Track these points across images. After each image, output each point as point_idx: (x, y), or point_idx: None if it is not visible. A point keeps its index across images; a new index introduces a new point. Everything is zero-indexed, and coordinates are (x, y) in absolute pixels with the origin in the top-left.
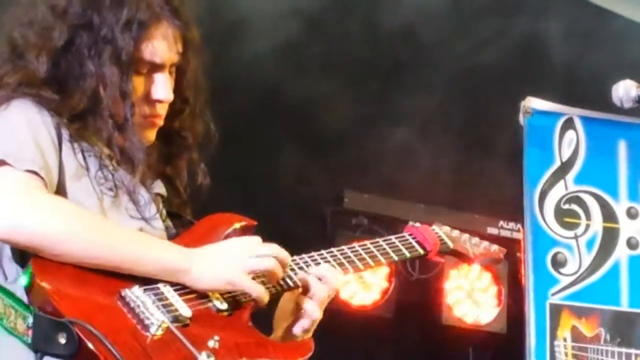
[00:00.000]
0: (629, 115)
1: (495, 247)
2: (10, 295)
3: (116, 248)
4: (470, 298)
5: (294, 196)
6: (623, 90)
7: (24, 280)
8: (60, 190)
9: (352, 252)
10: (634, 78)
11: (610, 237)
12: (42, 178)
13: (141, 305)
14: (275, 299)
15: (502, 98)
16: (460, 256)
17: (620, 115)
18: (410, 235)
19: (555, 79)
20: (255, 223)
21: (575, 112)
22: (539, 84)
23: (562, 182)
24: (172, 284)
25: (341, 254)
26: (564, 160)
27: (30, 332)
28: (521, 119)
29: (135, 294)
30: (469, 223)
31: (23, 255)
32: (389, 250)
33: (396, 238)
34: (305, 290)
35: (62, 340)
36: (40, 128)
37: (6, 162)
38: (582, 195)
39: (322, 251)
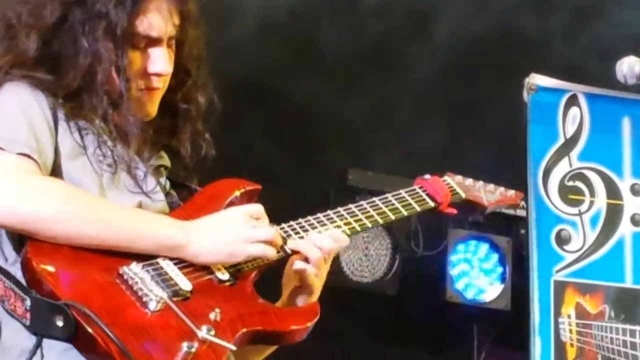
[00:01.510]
0: (633, 92)
1: (511, 192)
2: (10, 277)
3: (112, 226)
4: (474, 275)
5: (297, 174)
6: (627, 67)
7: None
8: (58, 170)
9: (359, 210)
10: (638, 54)
11: (614, 214)
12: (35, 160)
13: (139, 281)
14: (281, 263)
15: (504, 74)
16: (474, 205)
17: (624, 92)
18: (420, 188)
19: (557, 55)
20: (260, 187)
21: (579, 89)
22: (541, 61)
23: (566, 159)
24: (172, 258)
25: (348, 213)
26: (567, 137)
27: (28, 315)
28: (525, 95)
29: (133, 270)
30: None
31: (21, 237)
32: (398, 206)
33: (406, 192)
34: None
35: (60, 323)
36: (34, 110)
37: None
38: (586, 172)
39: (329, 211)
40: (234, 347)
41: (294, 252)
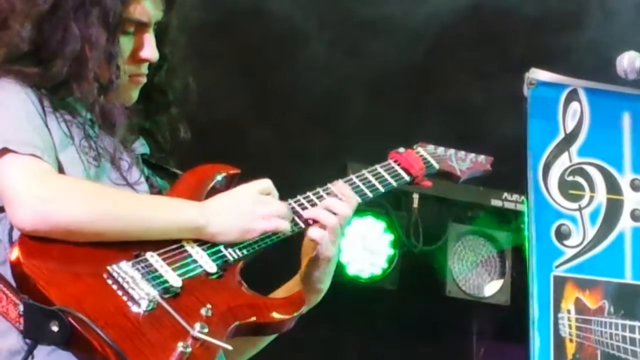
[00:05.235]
0: (633, 86)
1: (482, 157)
2: (1, 279)
3: (136, 218)
4: (473, 270)
5: (297, 168)
6: (627, 62)
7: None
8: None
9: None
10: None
11: (614, 209)
12: (44, 160)
13: (130, 280)
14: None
15: (506, 69)
16: (448, 175)
17: (624, 87)
18: (395, 162)
19: (558, 50)
20: (239, 171)
21: (579, 84)
22: (541, 55)
23: (566, 153)
24: (159, 254)
25: (326, 193)
26: (568, 131)
27: (21, 320)
28: (525, 90)
29: (123, 269)
30: (472, 194)
31: (12, 237)
32: (375, 182)
33: (381, 167)
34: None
35: (55, 328)
36: (29, 106)
37: (9, 149)
38: (586, 167)
39: (308, 193)
40: (230, 347)
41: (307, 225)
